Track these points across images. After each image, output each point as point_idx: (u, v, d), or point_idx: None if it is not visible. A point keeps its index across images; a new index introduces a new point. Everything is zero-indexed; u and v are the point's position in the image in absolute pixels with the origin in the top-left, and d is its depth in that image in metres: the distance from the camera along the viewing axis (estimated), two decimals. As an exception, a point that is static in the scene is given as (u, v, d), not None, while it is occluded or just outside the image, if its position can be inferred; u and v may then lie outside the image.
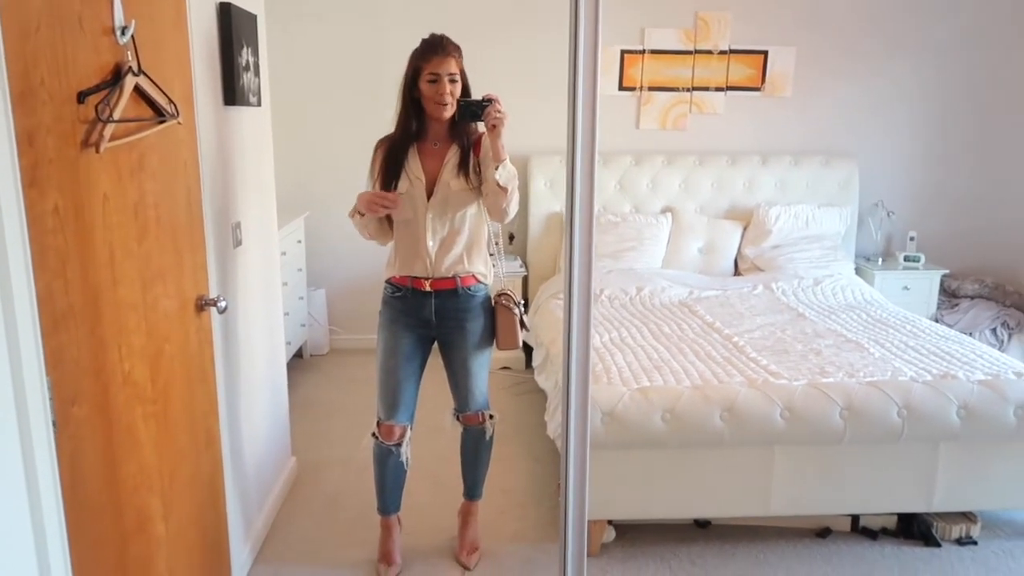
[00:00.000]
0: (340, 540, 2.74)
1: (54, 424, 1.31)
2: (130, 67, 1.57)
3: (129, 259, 1.64)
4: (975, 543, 2.74)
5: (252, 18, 2.60)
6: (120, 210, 1.59)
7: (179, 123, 1.83)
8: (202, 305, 2.06)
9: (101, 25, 1.50)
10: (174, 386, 1.88)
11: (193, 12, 2.05)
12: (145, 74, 1.63)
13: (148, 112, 1.71)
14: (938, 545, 2.72)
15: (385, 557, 2.57)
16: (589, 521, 2.57)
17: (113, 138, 1.51)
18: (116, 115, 1.51)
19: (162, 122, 1.74)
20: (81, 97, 1.42)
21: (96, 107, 1.46)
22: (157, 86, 1.71)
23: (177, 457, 1.90)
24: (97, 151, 1.47)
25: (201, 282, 2.08)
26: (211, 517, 2.17)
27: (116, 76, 1.55)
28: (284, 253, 3.81)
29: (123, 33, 1.54)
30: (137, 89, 1.61)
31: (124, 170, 1.61)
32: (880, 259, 4.70)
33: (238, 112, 2.47)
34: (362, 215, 2.37)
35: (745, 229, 4.52)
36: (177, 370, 1.90)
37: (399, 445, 2.49)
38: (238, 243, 2.46)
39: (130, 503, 1.66)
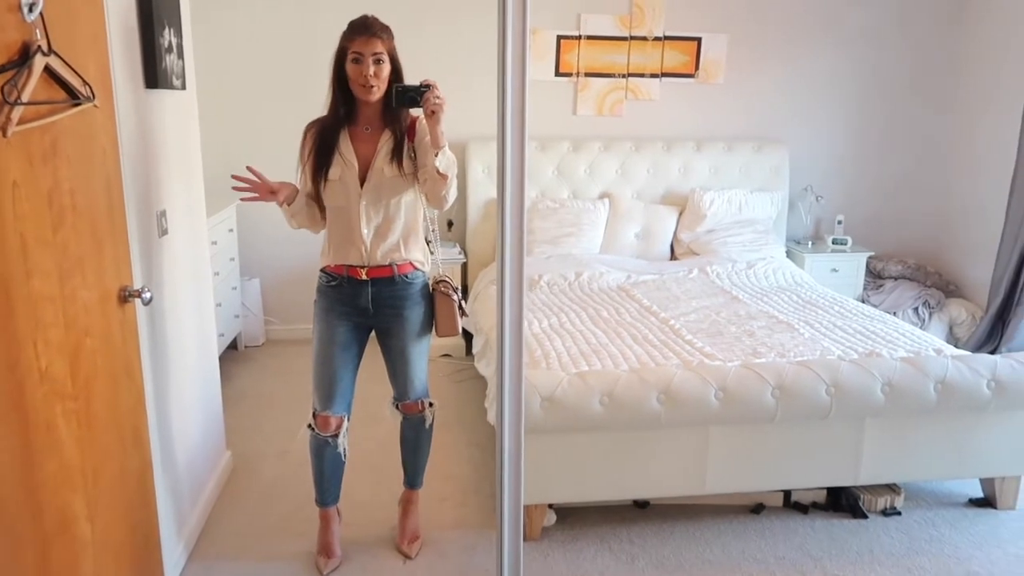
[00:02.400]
0: (278, 533, 2.69)
1: (-38, 424, 1.25)
2: (39, 46, 1.49)
3: (44, 249, 1.56)
4: (899, 513, 2.86)
5: (174, -3, 2.51)
6: (32, 198, 1.51)
7: (95, 106, 1.75)
8: (125, 297, 1.98)
9: (5, 1, 1.42)
10: (97, 381, 1.81)
11: (109, -10, 1.96)
12: (56, 54, 1.55)
13: (61, 94, 1.63)
14: (865, 517, 2.83)
15: (325, 549, 2.54)
16: (530, 506, 2.59)
17: (22, 121, 1.43)
18: (24, 97, 1.43)
19: (77, 105, 1.66)
20: (-15, 78, 1.34)
21: (2, 89, 1.38)
22: (70, 67, 1.62)
23: (101, 454, 1.83)
24: (4, 135, 1.39)
25: (124, 273, 2.00)
26: (141, 515, 2.10)
27: (24, 56, 1.46)
28: (215, 242, 3.70)
29: (31, 10, 1.46)
30: (48, 70, 1.53)
31: (36, 156, 1.53)
32: (810, 242, 4.84)
33: (160, 95, 2.37)
34: (288, 204, 2.32)
35: (680, 214, 4.59)
36: (100, 364, 1.82)
37: (336, 436, 2.45)
38: (164, 232, 2.37)
39: (51, 504, 1.59)
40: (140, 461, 2.10)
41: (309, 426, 2.47)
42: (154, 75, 2.27)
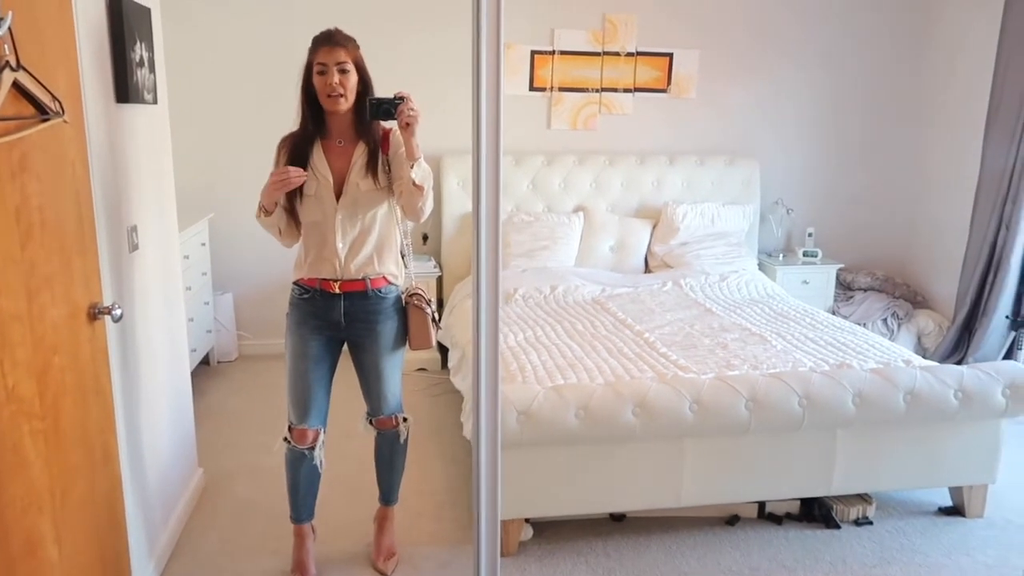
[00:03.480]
0: (251, 551, 2.65)
1: (-74, 446, 1.22)
2: (7, 61, 1.47)
3: (11, 266, 1.54)
4: (871, 523, 2.89)
5: (145, 11, 2.49)
6: (0, 214, 1.49)
7: (65, 121, 1.73)
8: (95, 314, 1.95)
9: (-27, 16, 1.40)
10: (65, 400, 1.77)
11: (79, 4, 1.94)
12: (25, 69, 1.53)
13: (29, 110, 1.61)
14: (838, 527, 2.86)
15: (299, 567, 2.51)
16: (506, 520, 2.59)
17: (-11, 137, 1.41)
18: (-8, 113, 1.41)
19: (46, 120, 1.64)
20: (-49, 93, 1.32)
21: (-31, 104, 1.36)
22: (39, 82, 1.60)
23: (70, 475, 1.80)
24: (-29, 151, 1.37)
25: (93, 289, 1.97)
26: (109, 537, 2.06)
27: (-9, 71, 1.45)
28: (187, 257, 3.66)
29: (-2, 25, 1.44)
30: (16, 85, 1.51)
31: (3, 172, 1.51)
32: (781, 255, 4.90)
33: (132, 110, 2.35)
34: (268, 214, 2.30)
35: (654, 227, 4.63)
36: (68, 383, 1.79)
37: (313, 448, 2.43)
38: (134, 247, 2.35)
39: (18, 526, 1.55)
40: (109, 480, 2.07)
41: (285, 439, 2.44)
42: (125, 90, 2.25)
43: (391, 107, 2.19)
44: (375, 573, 2.56)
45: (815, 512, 2.91)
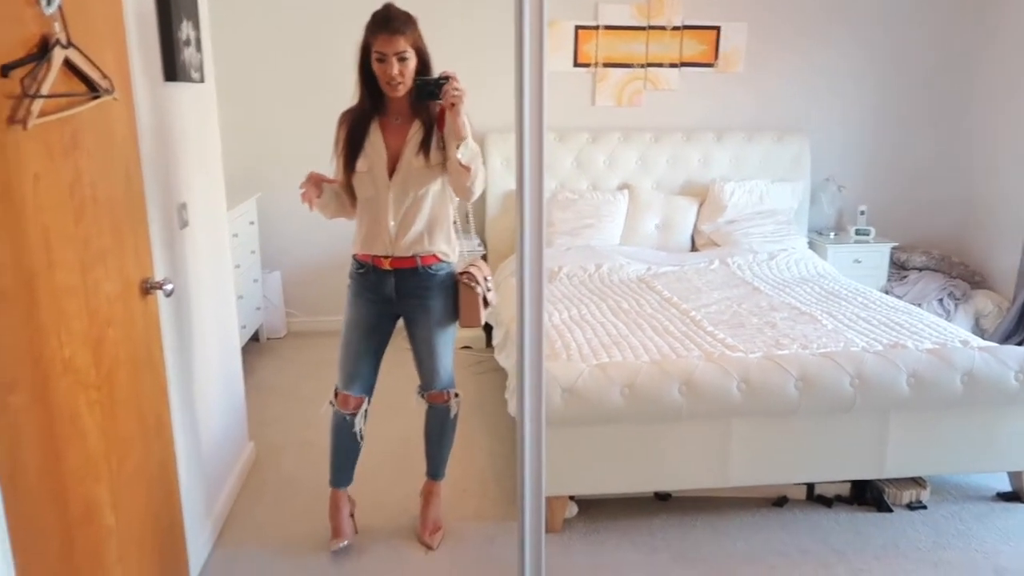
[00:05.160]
0: (299, 522, 2.70)
1: (-13, 413, 1.26)
2: (58, 39, 1.49)
3: (66, 241, 1.57)
4: (925, 507, 2.81)
5: (193, -9, 2.51)
6: (54, 190, 1.52)
7: (115, 99, 1.75)
8: (147, 288, 1.99)
9: (25, -6, 1.42)
10: (119, 372, 1.82)
11: (128, -17, 1.96)
12: (75, 47, 1.56)
13: (80, 87, 1.63)
14: (890, 510, 2.79)
15: (336, 531, 2.56)
16: (551, 497, 2.58)
17: (42, 114, 1.44)
18: (44, 90, 1.43)
19: (96, 98, 1.67)
20: (5, 71, 1.34)
21: (22, 81, 1.39)
22: (89, 60, 1.63)
23: (125, 444, 1.84)
24: (24, 128, 1.39)
25: (145, 265, 2.01)
26: (164, 504, 2.11)
27: (43, 49, 1.47)
28: (236, 235, 3.72)
29: (49, 3, 1.46)
30: (67, 63, 1.54)
31: (56, 148, 1.54)
32: (832, 233, 4.78)
33: (179, 88, 2.38)
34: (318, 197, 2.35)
35: (701, 205, 4.55)
36: (122, 355, 1.84)
37: (354, 415, 2.48)
38: (184, 224, 2.39)
39: (76, 493, 1.60)
40: (163, 450, 2.12)
41: (331, 402, 2.51)
42: (172, 68, 2.27)
43: (436, 87, 2.18)
44: (421, 546, 2.58)
45: (866, 495, 2.84)
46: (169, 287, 2.02)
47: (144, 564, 1.96)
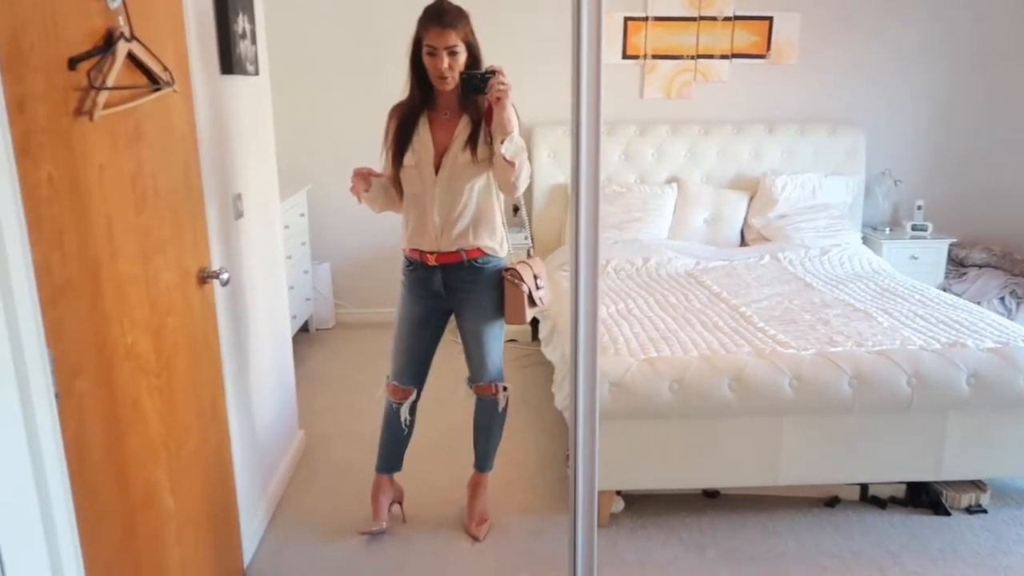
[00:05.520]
0: (347, 509, 2.74)
1: (56, 397, 1.29)
2: (122, 33, 1.52)
3: (128, 231, 1.61)
4: (985, 511, 2.73)
5: (249, -15, 2.55)
6: (117, 180, 1.56)
7: (175, 91, 1.79)
8: (204, 278, 2.03)
9: (92, -11, 1.46)
10: (178, 359, 1.86)
11: (187, -23, 2.00)
12: (138, 40, 1.59)
13: (142, 79, 1.67)
14: (947, 514, 2.71)
15: (375, 515, 2.59)
16: (598, 492, 2.57)
17: (107, 106, 1.47)
18: (109, 82, 1.47)
19: (157, 90, 1.70)
20: (72, 64, 1.38)
21: (88, 74, 1.43)
22: (151, 53, 1.66)
23: (183, 430, 1.89)
24: (91, 119, 1.43)
25: (203, 254, 2.06)
26: (219, 489, 2.16)
27: (108, 42, 1.51)
28: (287, 226, 3.78)
29: (115, -3, 1.50)
30: (130, 56, 1.57)
31: (120, 139, 1.58)
32: (887, 228, 4.65)
33: (235, 81, 2.42)
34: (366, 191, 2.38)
35: (751, 199, 4.47)
36: (181, 343, 1.88)
37: (401, 405, 2.53)
38: (239, 215, 2.43)
39: (137, 476, 1.64)
40: (219, 436, 2.16)
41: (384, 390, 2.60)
42: (229, 61, 2.31)
43: (481, 82, 2.17)
44: (468, 537, 2.60)
45: (922, 497, 2.77)
46: (225, 276, 2.06)
47: (201, 546, 2.00)
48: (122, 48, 1.53)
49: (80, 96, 1.41)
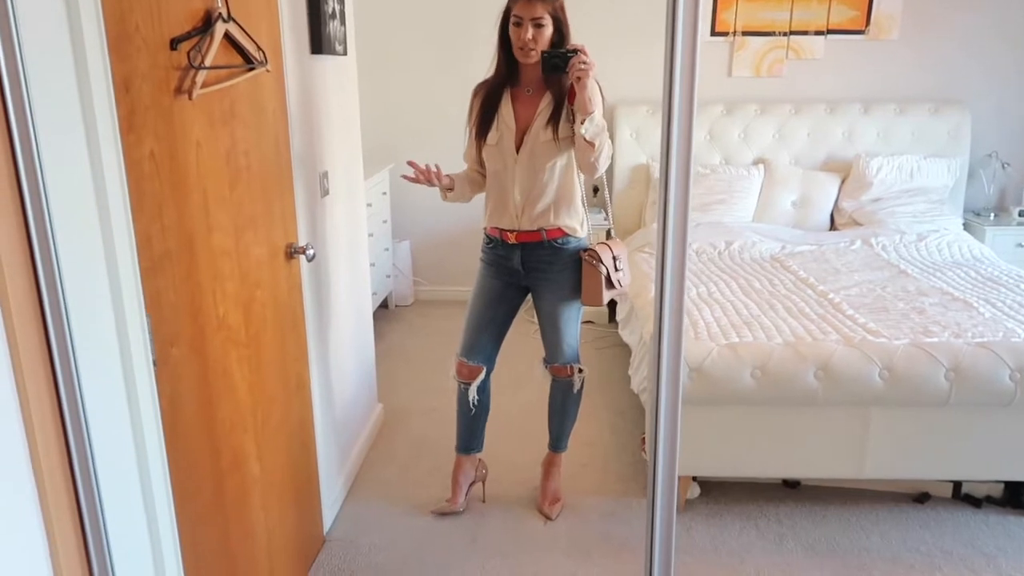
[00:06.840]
0: (424, 484, 2.79)
1: (154, 363, 1.36)
2: (220, 14, 1.57)
3: (222, 206, 1.67)
4: (1090, 516, 2.57)
5: (338, -35, 2.58)
6: (212, 157, 1.62)
7: (267, 71, 1.84)
8: (292, 253, 2.09)
9: (192, -29, 1.51)
10: (266, 331, 1.93)
11: (280, -41, 2.04)
12: (234, 20, 1.64)
13: (238, 59, 1.72)
14: (1049, 516, 2.57)
15: (452, 494, 2.63)
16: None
17: (204, 85, 1.53)
18: (207, 62, 1.52)
19: (251, 69, 1.75)
20: (174, 44, 1.43)
21: (188, 54, 1.48)
22: (246, 33, 1.71)
23: (269, 400, 1.96)
24: (190, 98, 1.48)
25: (291, 230, 2.12)
26: (302, 458, 2.24)
27: (206, 23, 1.56)
28: (370, 204, 3.85)
29: (213, -22, 1.54)
30: (227, 36, 1.62)
31: (216, 117, 1.63)
32: (992, 214, 4.39)
33: (324, 61, 2.47)
34: (450, 190, 2.45)
35: (843, 181, 4.29)
36: (268, 316, 1.94)
37: (470, 383, 2.54)
38: (325, 192, 2.48)
39: (226, 442, 1.72)
40: (302, 407, 2.24)
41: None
42: (319, 41, 2.36)
43: (562, 61, 2.14)
44: (540, 516, 2.61)
45: (1022, 498, 2.62)
46: (311, 252, 2.12)
47: (284, 512, 2.08)
48: (220, 29, 1.57)
49: (180, 75, 1.47)
